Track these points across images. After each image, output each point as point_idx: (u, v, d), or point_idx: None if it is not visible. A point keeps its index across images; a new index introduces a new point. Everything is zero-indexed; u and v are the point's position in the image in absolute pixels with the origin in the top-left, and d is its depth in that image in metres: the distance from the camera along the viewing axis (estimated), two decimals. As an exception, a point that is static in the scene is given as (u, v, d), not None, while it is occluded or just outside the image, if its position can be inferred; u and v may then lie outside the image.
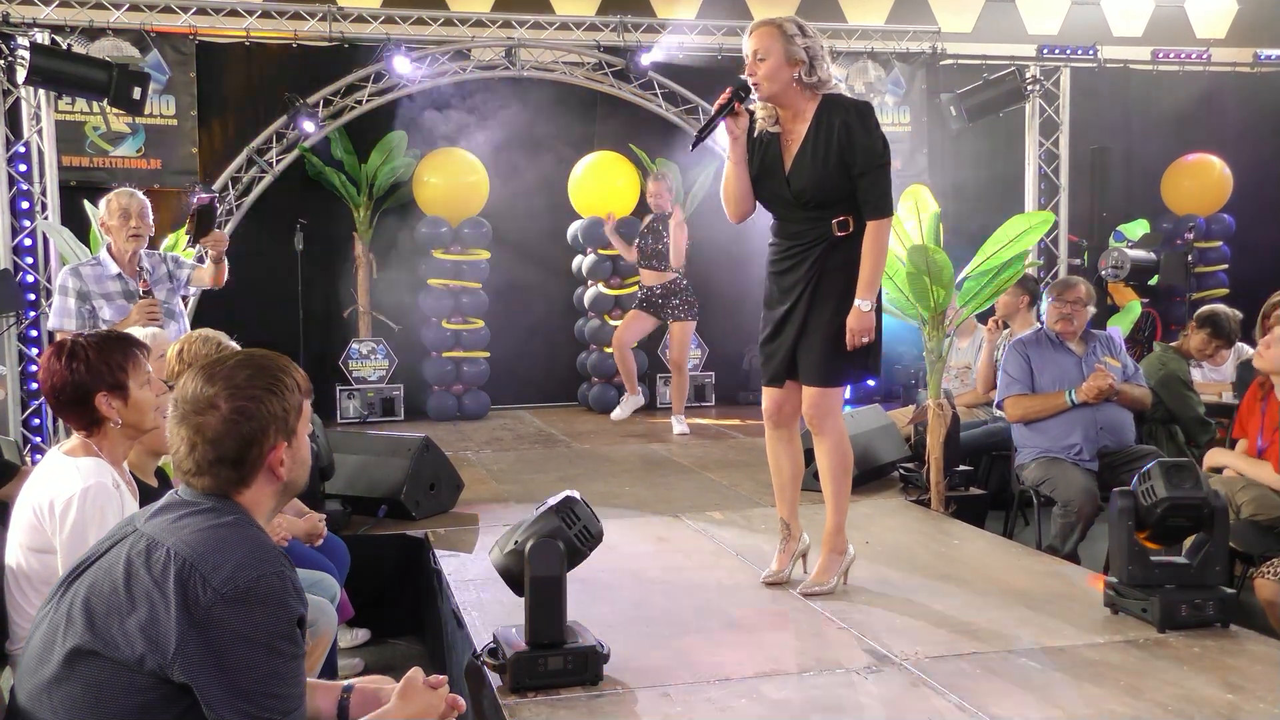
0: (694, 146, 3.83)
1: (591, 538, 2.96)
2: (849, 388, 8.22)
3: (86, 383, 2.71)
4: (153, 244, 5.51)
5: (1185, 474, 3.33)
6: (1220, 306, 6.10)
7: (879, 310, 3.78)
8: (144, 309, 4.97)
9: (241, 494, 1.94)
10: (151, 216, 5.26)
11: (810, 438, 3.93)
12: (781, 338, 3.78)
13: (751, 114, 3.76)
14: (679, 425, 7.50)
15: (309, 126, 8.04)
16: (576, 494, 3.00)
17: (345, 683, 2.25)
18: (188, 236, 5.40)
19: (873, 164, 3.61)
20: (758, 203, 3.84)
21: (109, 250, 5.23)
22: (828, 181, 3.63)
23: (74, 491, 2.60)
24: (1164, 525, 3.34)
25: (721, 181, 3.84)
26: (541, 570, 2.86)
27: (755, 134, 3.76)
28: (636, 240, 7.68)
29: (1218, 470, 4.44)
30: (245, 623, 1.74)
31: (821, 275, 3.68)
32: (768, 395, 3.91)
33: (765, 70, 3.61)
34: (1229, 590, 3.43)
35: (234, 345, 3.86)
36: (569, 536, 2.90)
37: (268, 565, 1.79)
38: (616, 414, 8.03)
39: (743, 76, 3.67)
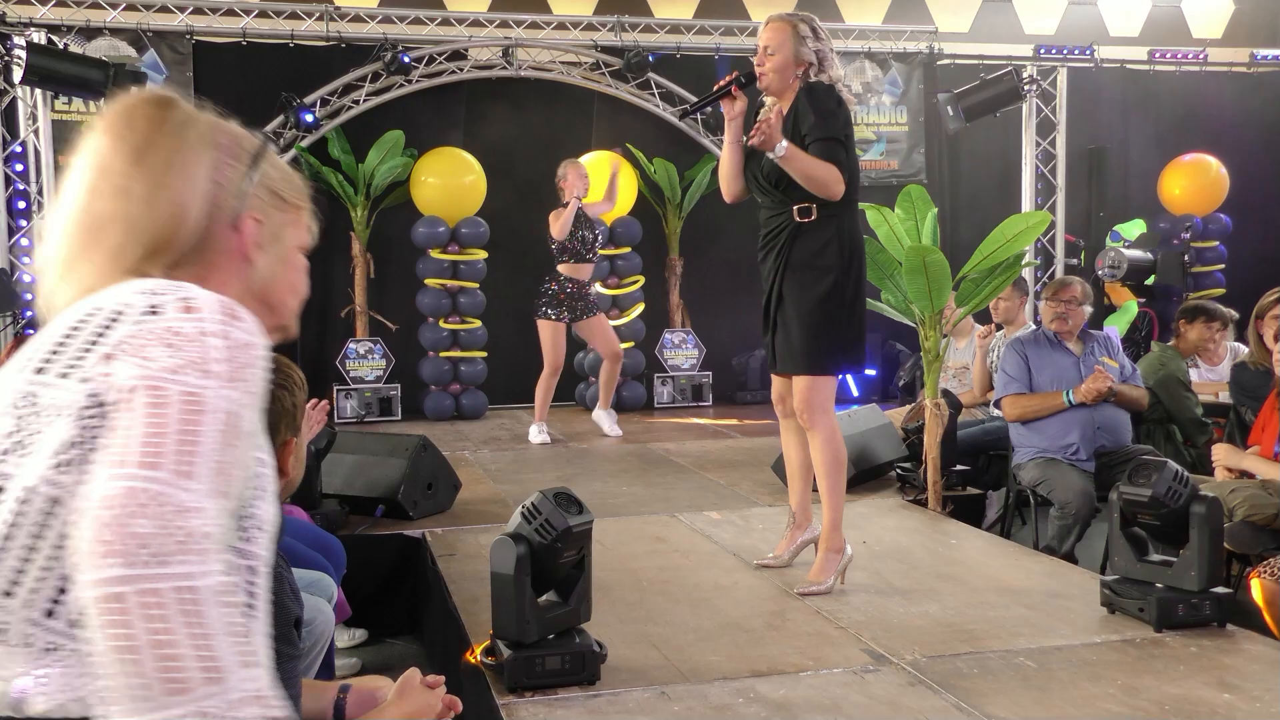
0: (682, 116, 3.97)
1: (554, 531, 2.84)
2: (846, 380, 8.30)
3: None
4: None
5: (1148, 471, 3.35)
6: (1200, 299, 6.16)
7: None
8: None
9: None
10: None
11: None
12: (768, 327, 3.90)
13: (760, 102, 3.90)
14: (608, 423, 7.34)
15: (309, 118, 8.04)
16: (551, 489, 2.95)
17: (341, 683, 2.24)
18: None
19: (815, 135, 3.63)
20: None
21: None
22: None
23: None
24: (1137, 521, 3.37)
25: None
26: (496, 567, 2.87)
27: (759, 114, 3.90)
28: (576, 233, 7.04)
29: (1234, 471, 4.42)
30: None
31: (787, 265, 3.77)
32: (773, 383, 4.03)
33: (773, 64, 3.74)
34: (1225, 590, 3.44)
35: None
36: (529, 532, 2.88)
37: None
38: (537, 438, 7.14)
39: (752, 61, 3.82)
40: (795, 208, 3.74)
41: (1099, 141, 9.58)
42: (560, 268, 7.10)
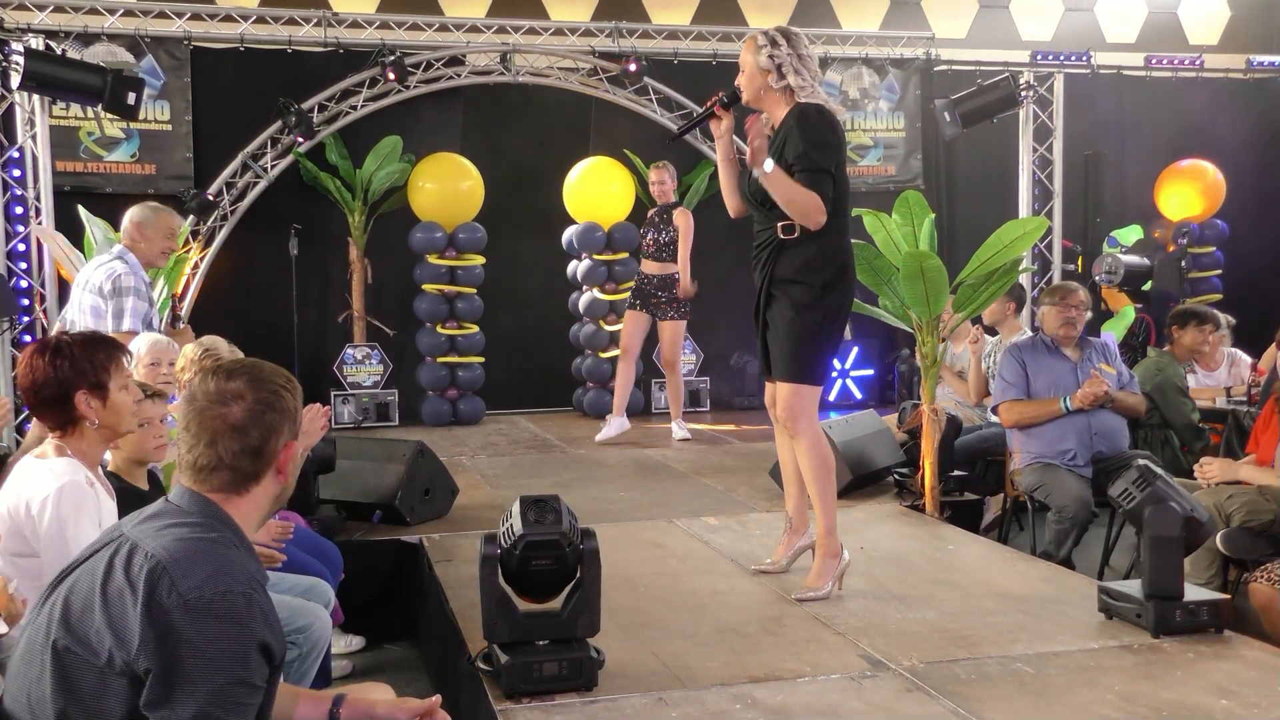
0: (670, 140, 4.19)
1: (513, 536, 2.87)
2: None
3: (69, 380, 2.70)
4: None
5: (1116, 475, 3.42)
6: (1191, 304, 6.19)
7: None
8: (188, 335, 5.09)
9: (244, 495, 1.95)
10: None
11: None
12: (759, 333, 3.97)
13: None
14: (679, 430, 7.43)
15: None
16: (533, 496, 2.96)
17: (336, 693, 2.23)
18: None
19: (804, 165, 3.67)
20: None
21: (135, 256, 5.13)
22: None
23: (49, 491, 2.60)
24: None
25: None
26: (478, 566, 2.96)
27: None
28: (643, 231, 7.54)
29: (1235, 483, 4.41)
30: (198, 635, 1.73)
31: (772, 278, 3.85)
32: (766, 389, 4.09)
33: (743, 80, 3.88)
34: (1223, 595, 3.44)
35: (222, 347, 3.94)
36: (499, 534, 2.92)
37: (237, 584, 1.78)
38: (605, 435, 7.37)
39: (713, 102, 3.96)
40: (780, 225, 3.80)
41: (1096, 147, 9.58)
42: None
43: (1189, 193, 9.75)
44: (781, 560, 4.07)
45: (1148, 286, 8.66)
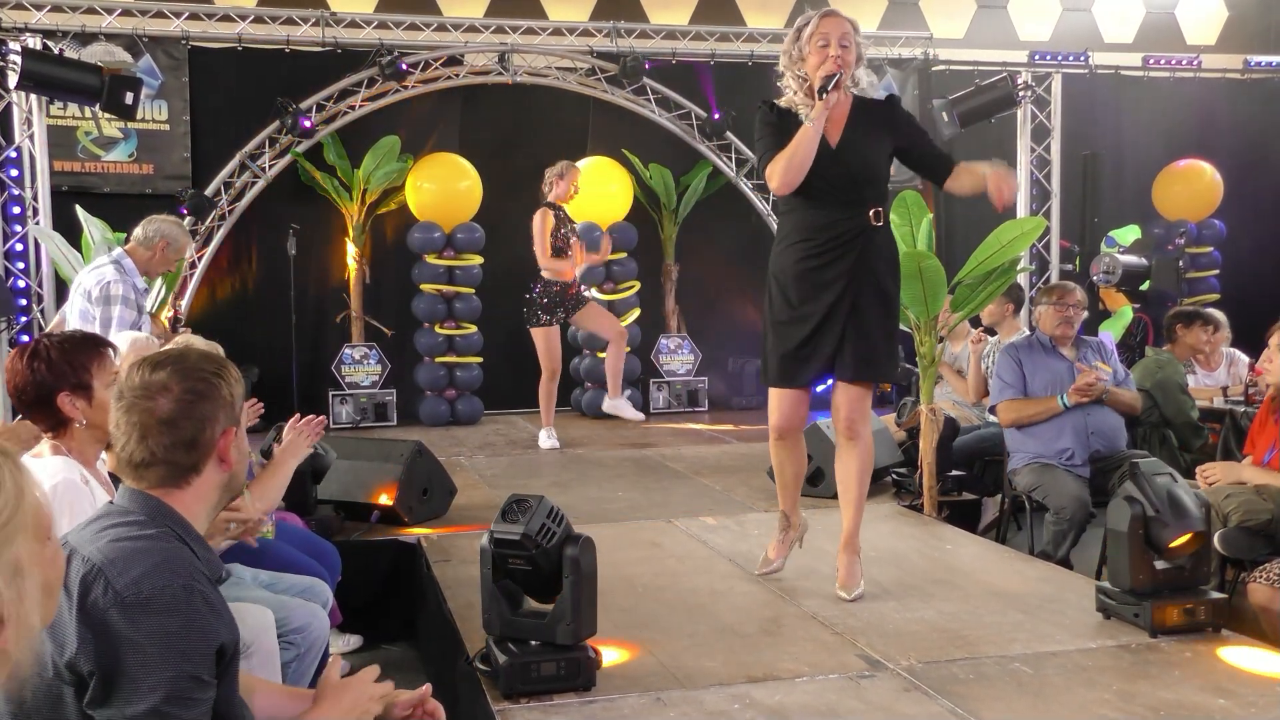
0: (821, 94, 3.58)
1: (490, 534, 2.92)
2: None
3: (48, 382, 2.70)
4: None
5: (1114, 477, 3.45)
6: (1194, 305, 6.19)
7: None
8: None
9: (186, 488, 1.92)
10: None
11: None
12: (820, 336, 3.69)
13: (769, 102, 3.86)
14: (628, 409, 7.51)
15: (307, 124, 8.05)
16: (516, 495, 2.95)
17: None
18: None
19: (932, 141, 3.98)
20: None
21: (134, 262, 5.10)
22: (875, 159, 3.75)
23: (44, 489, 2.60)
24: None
25: (784, 152, 3.62)
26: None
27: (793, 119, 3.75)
28: (558, 233, 7.11)
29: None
30: (137, 631, 1.70)
31: (865, 270, 3.68)
32: (786, 399, 3.85)
33: (850, 59, 3.66)
34: (1221, 595, 3.44)
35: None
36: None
37: (176, 577, 1.76)
38: (546, 443, 7.18)
39: (836, 70, 3.61)
40: (872, 210, 3.69)
41: (1094, 147, 9.58)
42: (544, 273, 7.15)
43: (1187, 192, 9.75)
44: (780, 560, 4.06)
45: (1145, 286, 8.66)
